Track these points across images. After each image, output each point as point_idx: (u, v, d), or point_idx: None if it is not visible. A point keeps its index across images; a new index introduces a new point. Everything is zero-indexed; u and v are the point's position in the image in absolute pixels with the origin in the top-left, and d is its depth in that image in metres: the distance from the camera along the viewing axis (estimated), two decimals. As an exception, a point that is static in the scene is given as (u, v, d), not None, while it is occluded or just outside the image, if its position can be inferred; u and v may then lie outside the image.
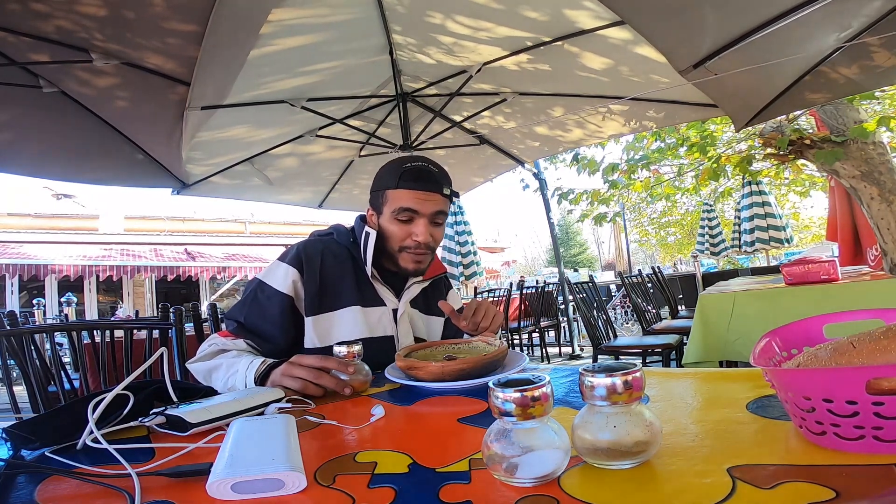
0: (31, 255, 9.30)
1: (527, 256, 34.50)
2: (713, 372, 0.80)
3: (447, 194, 1.10)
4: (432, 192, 1.07)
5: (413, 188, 1.06)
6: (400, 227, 1.08)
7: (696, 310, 2.46)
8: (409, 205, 1.07)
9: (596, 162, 4.75)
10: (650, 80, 2.61)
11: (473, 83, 2.93)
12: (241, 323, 1.06)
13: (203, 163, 3.34)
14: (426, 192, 1.07)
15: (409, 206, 1.07)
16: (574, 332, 6.01)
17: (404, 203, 1.07)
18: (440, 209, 1.09)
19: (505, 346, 0.92)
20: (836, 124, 3.12)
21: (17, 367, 1.30)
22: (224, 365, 0.98)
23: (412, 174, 1.06)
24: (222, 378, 0.97)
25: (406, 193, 1.06)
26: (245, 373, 0.93)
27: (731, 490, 0.38)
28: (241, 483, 0.45)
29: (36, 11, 1.71)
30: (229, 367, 0.97)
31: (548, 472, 0.43)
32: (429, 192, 1.07)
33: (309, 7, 2.16)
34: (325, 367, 0.86)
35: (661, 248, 17.32)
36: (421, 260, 1.12)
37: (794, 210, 9.30)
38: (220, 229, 13.49)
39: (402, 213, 1.07)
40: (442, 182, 1.09)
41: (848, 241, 3.86)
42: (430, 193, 1.07)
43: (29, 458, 0.59)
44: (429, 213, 1.08)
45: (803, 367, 0.49)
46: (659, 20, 1.80)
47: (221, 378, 0.97)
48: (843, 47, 2.08)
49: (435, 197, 1.08)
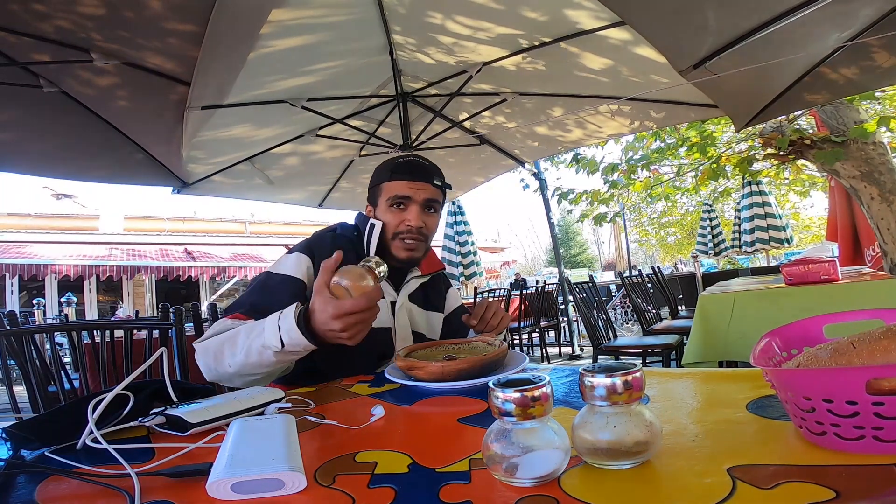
0: (31, 255, 9.30)
1: (527, 256, 34.51)
2: (713, 372, 0.80)
3: (438, 185, 1.17)
4: (423, 181, 1.14)
5: (405, 178, 1.14)
6: (394, 215, 1.14)
7: (696, 310, 2.46)
8: (401, 192, 1.13)
9: (596, 162, 4.75)
10: (650, 80, 2.61)
11: (473, 83, 2.93)
12: (252, 304, 1.03)
13: (204, 162, 3.34)
14: (417, 181, 1.14)
15: (402, 194, 1.13)
16: (574, 332, 6.01)
17: (397, 192, 1.14)
18: (431, 197, 1.15)
19: (505, 347, 0.92)
20: (836, 124, 3.12)
21: (17, 367, 1.30)
22: (243, 331, 0.91)
23: (404, 166, 1.15)
24: (242, 344, 0.89)
25: (399, 184, 1.14)
26: (277, 322, 0.84)
27: (731, 490, 0.38)
28: (241, 483, 0.45)
29: (36, 11, 1.71)
30: (250, 330, 0.89)
31: (548, 472, 0.43)
32: (420, 182, 1.14)
33: (309, 7, 2.16)
34: (367, 308, 0.80)
35: (661, 248, 17.33)
36: (413, 248, 1.15)
37: (794, 210, 9.30)
38: (221, 229, 13.50)
39: (395, 200, 1.14)
40: (433, 173, 1.16)
41: (848, 241, 3.86)
42: (422, 183, 1.14)
43: (29, 458, 0.59)
44: (421, 200, 1.14)
45: (803, 367, 0.49)
46: (659, 20, 1.80)
47: (241, 344, 0.89)
48: (843, 47, 2.08)
49: (426, 186, 1.14)
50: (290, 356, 0.88)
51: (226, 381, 0.95)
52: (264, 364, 0.88)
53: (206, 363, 0.93)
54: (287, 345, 0.83)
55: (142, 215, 12.87)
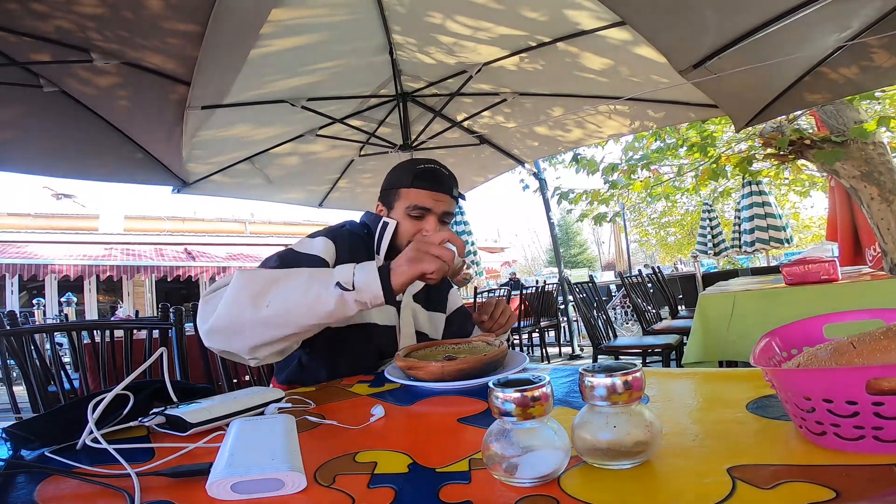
0: (31, 254, 9.30)
1: (527, 256, 34.51)
2: (713, 372, 0.80)
3: (455, 196, 1.18)
4: (444, 193, 1.14)
5: (427, 188, 1.13)
6: (412, 224, 1.14)
7: (696, 310, 2.46)
8: (423, 203, 1.13)
9: (596, 162, 4.75)
10: (650, 80, 2.61)
11: (473, 83, 2.93)
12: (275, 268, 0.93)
13: (204, 161, 3.34)
14: (438, 192, 1.13)
15: (422, 205, 1.13)
16: (574, 332, 6.01)
17: (418, 201, 1.13)
18: (448, 210, 1.16)
19: (505, 346, 0.92)
20: (836, 124, 3.12)
21: (17, 367, 1.30)
22: (306, 270, 0.85)
23: (426, 175, 1.14)
24: (302, 280, 0.82)
25: (420, 193, 1.13)
26: (353, 267, 0.82)
27: (731, 490, 0.38)
28: (241, 483, 0.45)
29: (36, 11, 1.71)
30: (315, 271, 0.85)
31: (548, 472, 0.43)
32: (441, 193, 1.14)
33: (309, 7, 2.16)
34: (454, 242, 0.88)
35: (661, 248, 17.32)
36: None
37: (794, 210, 9.29)
38: (220, 229, 13.51)
39: (414, 210, 1.13)
40: (452, 184, 1.17)
41: (848, 241, 3.86)
42: (442, 194, 1.14)
43: (29, 458, 0.59)
44: (439, 213, 1.14)
45: (803, 368, 0.49)
46: (659, 20, 1.80)
47: (302, 280, 0.82)
48: (843, 47, 2.08)
49: (445, 198, 1.15)
50: (349, 308, 0.82)
51: (238, 332, 0.82)
52: (316, 310, 0.81)
53: (236, 302, 0.80)
54: (357, 286, 0.80)
55: (142, 215, 12.88)
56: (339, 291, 0.80)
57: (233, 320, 0.81)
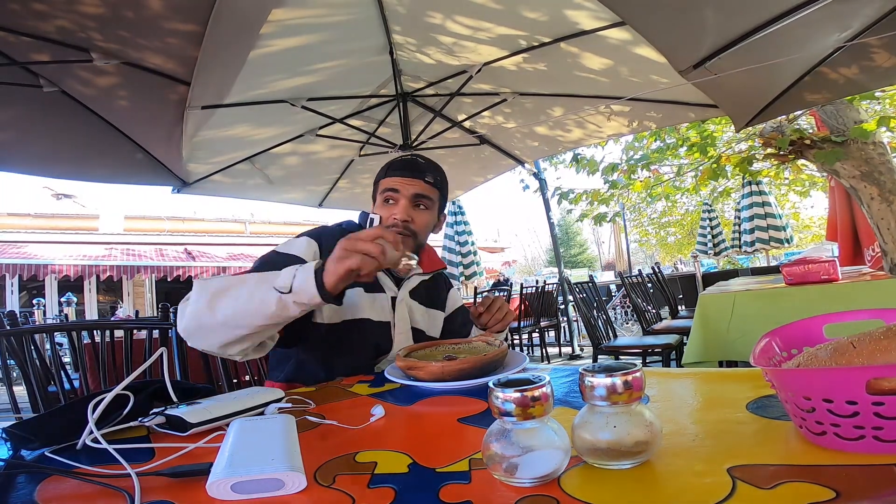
0: (30, 255, 9.30)
1: (527, 256, 34.51)
2: (713, 372, 0.80)
3: (430, 181, 1.18)
4: (414, 177, 1.16)
5: (397, 174, 1.16)
6: (385, 209, 1.16)
7: (696, 310, 2.46)
8: (391, 185, 1.16)
9: (596, 162, 4.75)
10: (650, 80, 2.61)
11: (473, 83, 2.93)
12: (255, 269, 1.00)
13: (204, 161, 3.34)
14: (407, 177, 1.16)
15: (391, 188, 1.16)
16: (574, 332, 6.01)
17: (387, 185, 1.16)
18: (420, 192, 1.16)
19: (505, 346, 0.92)
20: (836, 124, 3.11)
21: (17, 367, 1.30)
22: (255, 275, 0.88)
23: (398, 163, 1.18)
24: (250, 285, 0.85)
25: (390, 179, 1.17)
26: (295, 269, 0.83)
27: (731, 490, 0.38)
28: (241, 483, 0.45)
29: (36, 11, 1.71)
30: (264, 275, 0.87)
31: (548, 472, 0.43)
32: (410, 177, 1.16)
33: (309, 7, 2.16)
34: (384, 237, 0.82)
35: (661, 248, 17.33)
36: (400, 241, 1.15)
37: (794, 210, 9.29)
38: (221, 229, 13.50)
39: (385, 194, 1.16)
40: (425, 170, 1.18)
41: (848, 241, 3.86)
42: (412, 178, 1.16)
43: (29, 458, 0.59)
44: (409, 195, 1.15)
45: (803, 367, 0.49)
46: (659, 20, 1.79)
47: (249, 285, 0.85)
48: (843, 47, 2.08)
49: (415, 181, 1.16)
50: (290, 309, 0.83)
51: (205, 334, 0.88)
52: (261, 312, 0.83)
53: (197, 306, 0.86)
54: (295, 289, 0.81)
55: (141, 215, 12.87)
56: (278, 294, 0.82)
57: (198, 323, 0.87)
